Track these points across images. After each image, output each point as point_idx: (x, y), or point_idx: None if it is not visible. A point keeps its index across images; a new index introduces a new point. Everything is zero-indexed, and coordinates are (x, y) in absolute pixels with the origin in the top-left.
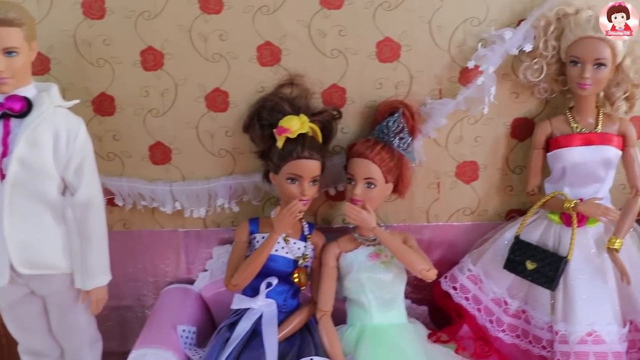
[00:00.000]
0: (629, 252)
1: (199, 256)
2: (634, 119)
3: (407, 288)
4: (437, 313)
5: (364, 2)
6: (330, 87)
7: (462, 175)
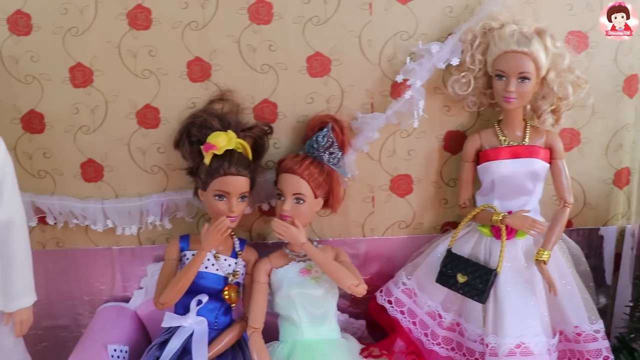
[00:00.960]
0: (557, 263)
1: (134, 274)
2: (565, 131)
3: (345, 302)
4: (375, 327)
5: (294, 17)
6: (261, 102)
7: (397, 189)
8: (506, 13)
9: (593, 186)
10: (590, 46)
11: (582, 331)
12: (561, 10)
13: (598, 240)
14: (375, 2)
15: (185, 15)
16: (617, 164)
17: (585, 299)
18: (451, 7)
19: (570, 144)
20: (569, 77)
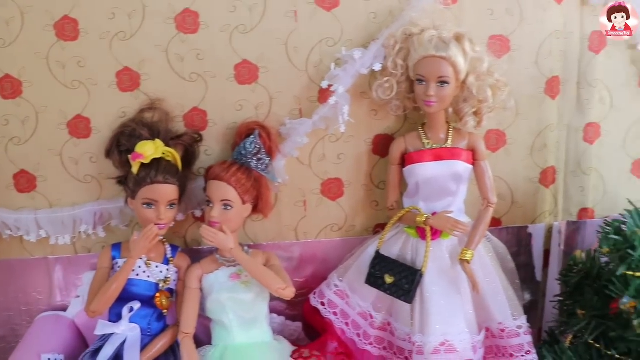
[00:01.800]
0: (482, 261)
1: (71, 282)
2: (491, 132)
3: (282, 305)
4: (312, 329)
5: (220, 26)
6: (191, 110)
7: (328, 193)
8: (427, 19)
9: (520, 185)
10: (512, 49)
11: (506, 327)
12: (482, 15)
13: (527, 238)
14: (300, 10)
15: (112, 25)
16: (543, 163)
17: (509, 296)
18: (375, 13)
19: (497, 145)
20: (489, 80)
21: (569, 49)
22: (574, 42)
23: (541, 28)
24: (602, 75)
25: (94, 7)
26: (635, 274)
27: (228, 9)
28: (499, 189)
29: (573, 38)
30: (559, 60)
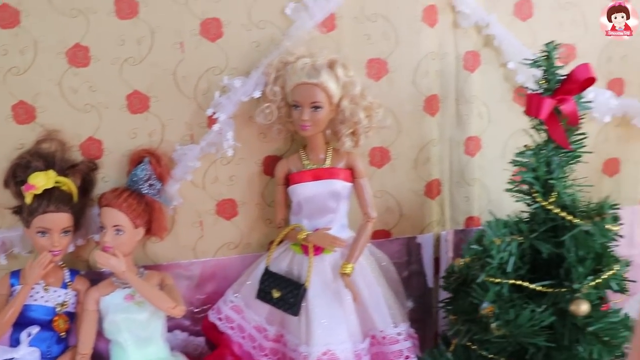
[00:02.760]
0: (364, 273)
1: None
2: (375, 149)
3: (186, 321)
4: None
5: (110, 59)
6: (87, 140)
7: (223, 213)
8: (303, 47)
9: (407, 198)
10: (390, 71)
11: (387, 334)
12: (360, 40)
13: (417, 248)
14: (186, 41)
15: (5, 61)
16: (427, 176)
17: (390, 305)
18: (258, 42)
19: (382, 161)
20: (362, 102)
21: (445, 69)
22: (450, 62)
23: (416, 50)
24: (478, 92)
25: None
26: (495, 281)
27: (117, 42)
28: (387, 202)
29: (448, 58)
30: (435, 79)
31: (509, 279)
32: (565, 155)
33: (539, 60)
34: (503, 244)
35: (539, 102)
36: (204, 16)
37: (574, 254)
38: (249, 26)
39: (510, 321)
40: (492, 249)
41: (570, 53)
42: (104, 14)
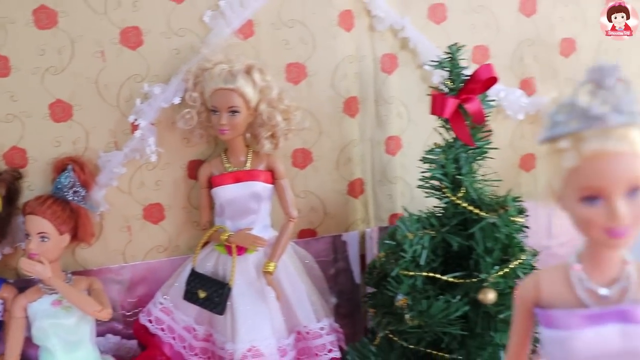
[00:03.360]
0: (287, 270)
1: None
2: (297, 151)
3: (118, 325)
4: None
5: (31, 69)
6: (10, 149)
7: (150, 217)
8: (221, 53)
9: (330, 197)
10: (309, 75)
11: (310, 330)
12: (278, 45)
13: (342, 245)
14: (107, 50)
15: None
16: (349, 175)
17: (313, 301)
18: (178, 50)
19: (304, 162)
20: (280, 106)
21: (364, 71)
22: (368, 65)
23: (334, 54)
24: (397, 93)
25: None
26: (409, 274)
27: (37, 52)
28: (311, 202)
29: (366, 61)
30: (354, 81)
31: (422, 272)
32: (472, 152)
33: (443, 61)
34: (415, 238)
35: (443, 102)
36: (124, 25)
37: (482, 246)
38: (168, 34)
39: (423, 312)
40: (405, 243)
41: (483, 54)
42: (22, 24)
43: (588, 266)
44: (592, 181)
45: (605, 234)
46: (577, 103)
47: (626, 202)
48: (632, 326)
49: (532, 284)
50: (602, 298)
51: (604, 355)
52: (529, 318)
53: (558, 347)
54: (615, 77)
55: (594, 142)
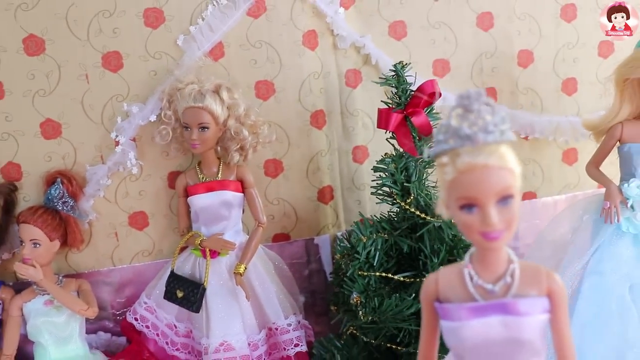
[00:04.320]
0: (257, 271)
1: None
2: (269, 161)
3: (109, 323)
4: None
5: (23, 91)
6: (6, 164)
7: (135, 224)
8: (192, 74)
9: (301, 204)
10: (277, 91)
11: (279, 326)
12: (247, 65)
13: (315, 248)
14: (90, 73)
15: None
16: (319, 183)
17: (281, 300)
18: (155, 71)
19: (276, 172)
20: (247, 121)
21: (329, 86)
22: (333, 80)
23: (300, 71)
24: (362, 105)
25: None
26: (363, 274)
27: (28, 76)
28: (284, 208)
29: (331, 77)
30: (320, 96)
31: (376, 272)
32: (421, 162)
33: (389, 78)
34: (369, 241)
35: (388, 116)
36: (105, 50)
37: (429, 248)
38: (146, 57)
39: (375, 308)
40: (359, 245)
41: (444, 67)
42: (13, 52)
43: (478, 265)
44: (466, 192)
45: (481, 237)
46: (451, 124)
47: (498, 209)
48: (512, 317)
49: (433, 281)
50: (489, 293)
51: (489, 342)
52: (433, 311)
53: (452, 335)
54: (480, 102)
55: (466, 157)
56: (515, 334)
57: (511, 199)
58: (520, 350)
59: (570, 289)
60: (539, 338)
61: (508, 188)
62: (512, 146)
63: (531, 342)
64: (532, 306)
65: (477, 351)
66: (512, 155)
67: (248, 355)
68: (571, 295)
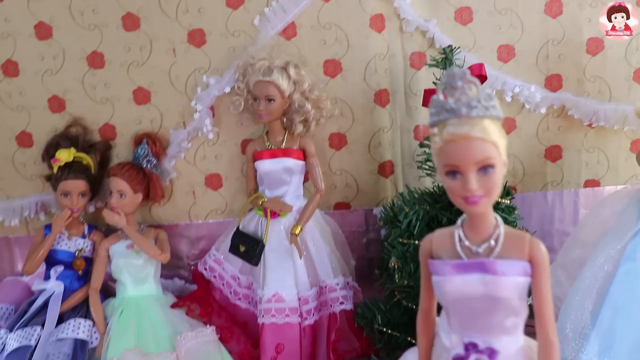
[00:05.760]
0: (313, 235)
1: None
2: (334, 135)
3: (183, 272)
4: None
5: (120, 62)
6: (104, 125)
7: (210, 184)
8: (264, 51)
9: (363, 176)
10: (344, 70)
11: (327, 284)
12: (317, 45)
13: (374, 218)
14: (177, 48)
15: (42, 65)
16: (379, 158)
17: (332, 261)
18: (234, 48)
19: (340, 145)
20: (311, 96)
21: (394, 67)
22: (398, 62)
23: (366, 52)
24: (425, 86)
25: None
26: (403, 241)
27: (124, 49)
28: (346, 179)
29: (396, 58)
30: (385, 76)
31: (414, 240)
32: None
33: (438, 61)
34: (411, 211)
35: (430, 96)
36: (191, 27)
37: None
38: (226, 35)
39: (411, 273)
40: (401, 214)
41: (509, 53)
42: (113, 28)
43: (467, 228)
44: (450, 159)
45: (463, 201)
46: (439, 99)
47: (478, 177)
48: (490, 276)
49: (428, 240)
50: (474, 253)
51: (468, 297)
52: (427, 267)
53: (437, 289)
54: (463, 80)
55: (451, 128)
56: (492, 291)
57: (491, 169)
58: (497, 307)
59: (603, 271)
60: (516, 298)
61: (488, 158)
62: (500, 123)
63: (507, 300)
64: (511, 268)
65: (459, 304)
66: (497, 130)
67: (296, 307)
68: (605, 278)
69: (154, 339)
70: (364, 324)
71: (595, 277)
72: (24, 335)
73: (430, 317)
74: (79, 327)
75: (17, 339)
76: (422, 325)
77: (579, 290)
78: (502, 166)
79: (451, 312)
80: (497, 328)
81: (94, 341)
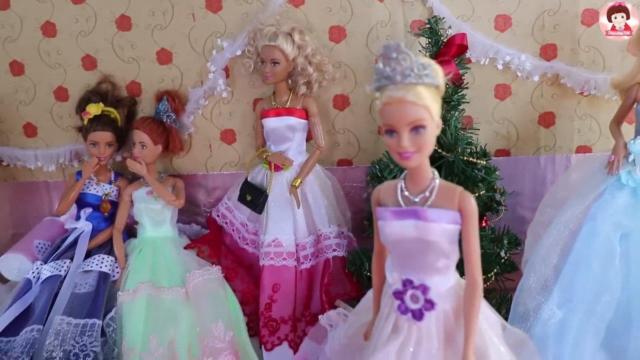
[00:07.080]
0: (313, 188)
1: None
2: (337, 96)
3: (200, 218)
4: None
5: (145, 25)
6: (130, 82)
7: (225, 139)
8: (272, 17)
9: (364, 136)
10: (348, 36)
11: (323, 232)
12: (323, 12)
13: None
14: (196, 13)
15: (77, 27)
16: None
17: (329, 211)
18: (247, 14)
19: (343, 105)
20: (314, 60)
21: (395, 34)
22: (399, 29)
23: (368, 19)
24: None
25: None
26: None
27: (149, 13)
28: (348, 138)
29: (398, 26)
30: (386, 42)
31: None
32: (447, 107)
33: (424, 31)
34: (395, 168)
35: None
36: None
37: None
38: (240, 1)
39: None
40: (386, 170)
41: (506, 22)
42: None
43: (408, 181)
44: (387, 119)
45: (398, 156)
46: (378, 68)
47: (411, 136)
48: (422, 222)
49: (377, 190)
50: (412, 202)
51: (404, 240)
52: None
53: (381, 232)
54: (397, 52)
55: (388, 92)
56: (424, 235)
57: (422, 129)
58: (429, 249)
59: (568, 229)
60: (446, 242)
61: (420, 120)
62: (438, 91)
63: (437, 243)
64: (441, 216)
65: (397, 246)
66: (431, 95)
67: (294, 252)
68: (569, 236)
69: (167, 275)
70: (354, 270)
71: (560, 234)
72: (55, 267)
73: (382, 258)
74: (103, 262)
75: (50, 269)
76: (375, 265)
77: (544, 246)
78: (435, 127)
79: (392, 253)
80: (430, 268)
81: (115, 275)
